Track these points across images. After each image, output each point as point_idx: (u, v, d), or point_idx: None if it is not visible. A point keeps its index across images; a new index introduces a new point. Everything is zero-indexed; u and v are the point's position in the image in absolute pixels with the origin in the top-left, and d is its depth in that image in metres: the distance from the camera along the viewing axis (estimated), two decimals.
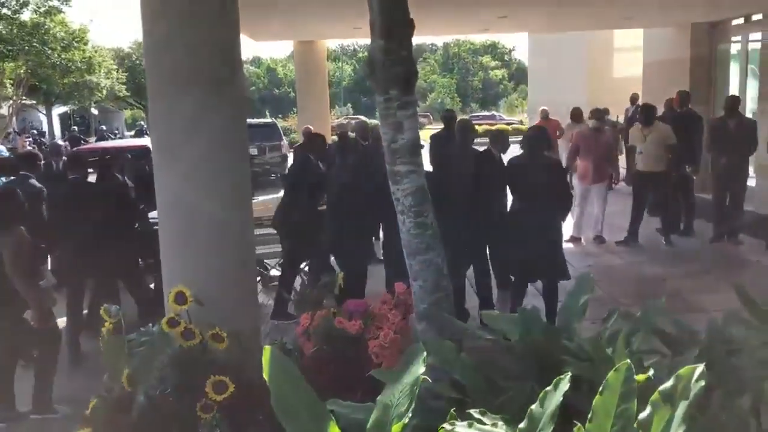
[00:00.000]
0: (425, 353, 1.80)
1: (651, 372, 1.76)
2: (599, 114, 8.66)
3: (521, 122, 36.84)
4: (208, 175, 3.22)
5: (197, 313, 3.01)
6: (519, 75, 61.14)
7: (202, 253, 3.27)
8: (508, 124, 39.54)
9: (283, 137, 17.23)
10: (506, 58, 71.28)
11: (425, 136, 9.57)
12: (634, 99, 13.72)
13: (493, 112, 49.84)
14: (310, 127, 10.47)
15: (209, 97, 3.19)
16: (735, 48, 11.46)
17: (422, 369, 1.75)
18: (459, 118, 8.17)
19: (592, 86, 17.85)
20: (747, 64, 10.99)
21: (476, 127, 8.74)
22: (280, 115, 42.77)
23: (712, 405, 1.93)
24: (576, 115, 10.89)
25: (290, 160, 11.28)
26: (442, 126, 9.00)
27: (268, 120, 21.12)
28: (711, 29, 11.57)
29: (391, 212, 3.05)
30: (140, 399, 2.58)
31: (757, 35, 10.29)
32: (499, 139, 5.88)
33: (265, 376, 1.67)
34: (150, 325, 3.18)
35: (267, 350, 1.70)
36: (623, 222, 8.45)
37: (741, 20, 10.94)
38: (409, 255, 2.98)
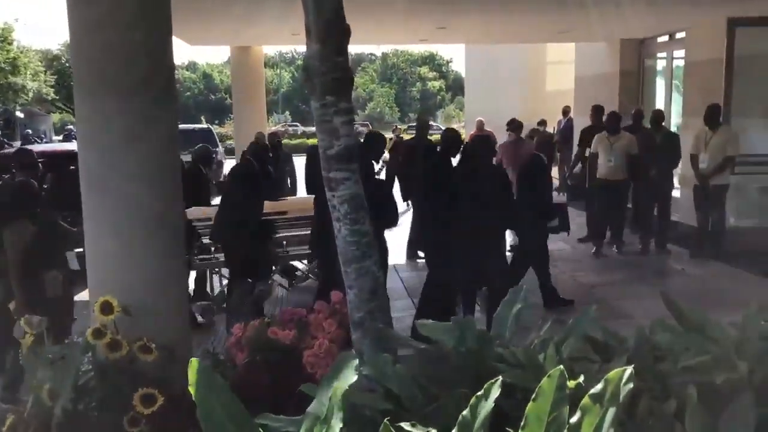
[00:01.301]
0: (356, 360, 1.77)
1: (582, 378, 1.78)
2: (514, 125, 8.82)
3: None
4: (135, 181, 3.12)
5: (125, 322, 2.91)
6: (456, 86, 62.11)
7: (130, 260, 3.17)
8: None
9: (219, 144, 16.97)
10: (444, 69, 72.29)
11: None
12: (565, 111, 14.15)
13: (431, 122, 50.49)
14: (264, 132, 10.38)
15: (139, 101, 3.10)
16: (661, 64, 11.96)
17: (353, 377, 1.72)
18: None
19: (527, 98, 18.31)
20: (672, 80, 11.48)
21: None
22: (216, 122, 42.15)
23: (640, 410, 1.97)
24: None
25: (227, 168, 11.11)
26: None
27: (204, 126, 20.78)
28: (639, 45, 12.04)
29: None
30: (58, 413, 2.46)
31: (680, 52, 10.76)
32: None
33: (191, 389, 1.61)
34: (74, 336, 3.07)
35: (193, 362, 1.64)
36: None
37: (666, 37, 11.42)
38: (344, 263, 2.94)
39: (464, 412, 1.63)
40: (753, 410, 1.92)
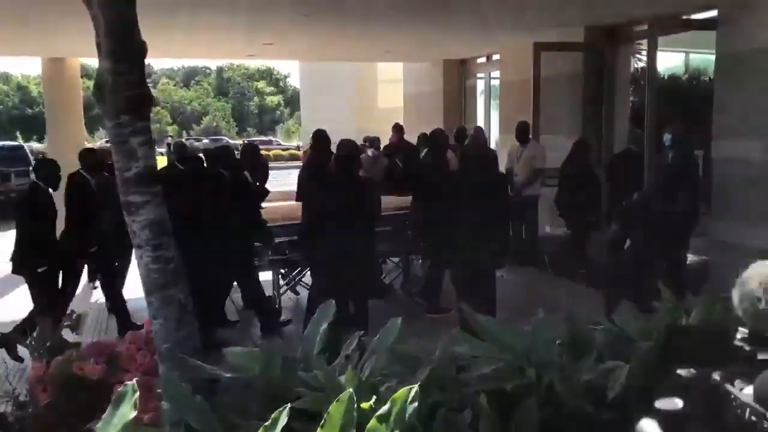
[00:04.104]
0: (134, 392, 1.65)
1: (374, 399, 1.79)
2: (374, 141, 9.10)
3: (298, 148, 37.52)
4: None
5: None
6: (294, 101, 61.91)
7: None
8: (285, 149, 40.05)
9: (33, 161, 15.62)
10: (282, 84, 71.95)
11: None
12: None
13: (271, 138, 50.09)
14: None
15: None
16: (480, 83, 12.72)
17: (132, 412, 1.59)
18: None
19: (361, 115, 18.69)
20: (490, 98, 12.25)
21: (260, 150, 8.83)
22: (35, 137, 39.18)
23: (436, 422, 2.02)
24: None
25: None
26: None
27: (15, 143, 19.05)
28: (460, 66, 12.72)
29: None
30: None
31: (496, 73, 11.50)
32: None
33: None
34: None
35: None
36: None
37: (484, 59, 12.17)
38: (148, 292, 2.77)
39: None
40: (536, 414, 2.04)
